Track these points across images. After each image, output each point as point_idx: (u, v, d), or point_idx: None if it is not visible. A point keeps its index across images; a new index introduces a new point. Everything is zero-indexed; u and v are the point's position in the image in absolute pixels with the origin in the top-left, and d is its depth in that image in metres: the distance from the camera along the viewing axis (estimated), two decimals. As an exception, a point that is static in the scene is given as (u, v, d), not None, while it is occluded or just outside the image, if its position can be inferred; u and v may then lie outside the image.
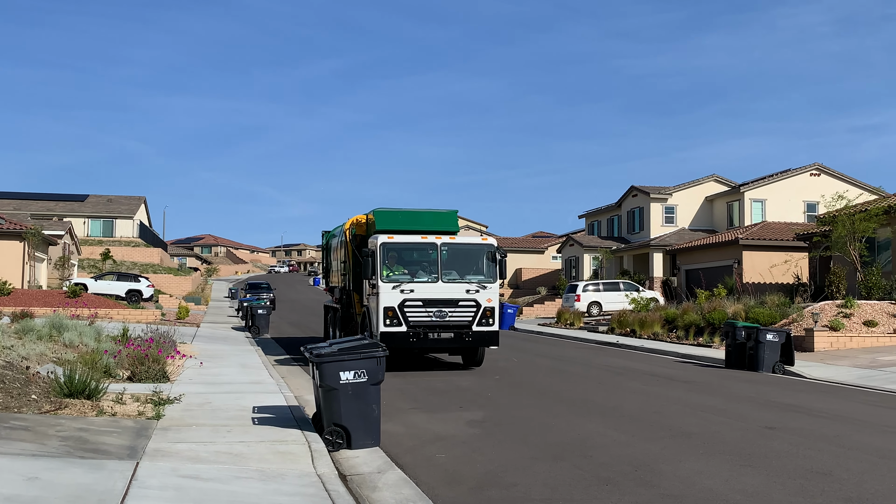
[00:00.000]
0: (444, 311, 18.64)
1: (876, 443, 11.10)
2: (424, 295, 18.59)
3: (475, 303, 18.87)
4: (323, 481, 8.10)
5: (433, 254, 19.15)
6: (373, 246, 18.95)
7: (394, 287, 18.51)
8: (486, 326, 18.97)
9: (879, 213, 29.60)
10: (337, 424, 10.11)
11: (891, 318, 26.11)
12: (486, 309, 18.95)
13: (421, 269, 19.25)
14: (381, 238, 18.90)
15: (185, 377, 15.73)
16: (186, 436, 9.99)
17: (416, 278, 18.87)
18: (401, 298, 18.50)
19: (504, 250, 19.63)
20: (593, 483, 8.67)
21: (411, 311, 18.52)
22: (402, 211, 20.50)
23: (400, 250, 19.28)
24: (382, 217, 20.24)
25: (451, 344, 18.91)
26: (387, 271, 18.72)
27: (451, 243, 19.30)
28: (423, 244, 19.28)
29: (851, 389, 17.23)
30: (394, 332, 18.39)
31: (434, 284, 18.80)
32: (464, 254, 19.42)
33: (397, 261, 19.10)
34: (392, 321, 18.42)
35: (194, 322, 36.29)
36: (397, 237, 19.11)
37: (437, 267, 18.96)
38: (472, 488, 8.48)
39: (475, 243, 19.93)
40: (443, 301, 18.66)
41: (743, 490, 8.41)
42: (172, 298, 53.20)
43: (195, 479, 7.84)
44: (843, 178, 50.48)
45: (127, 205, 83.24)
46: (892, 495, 8.23)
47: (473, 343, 19.00)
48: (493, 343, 19.22)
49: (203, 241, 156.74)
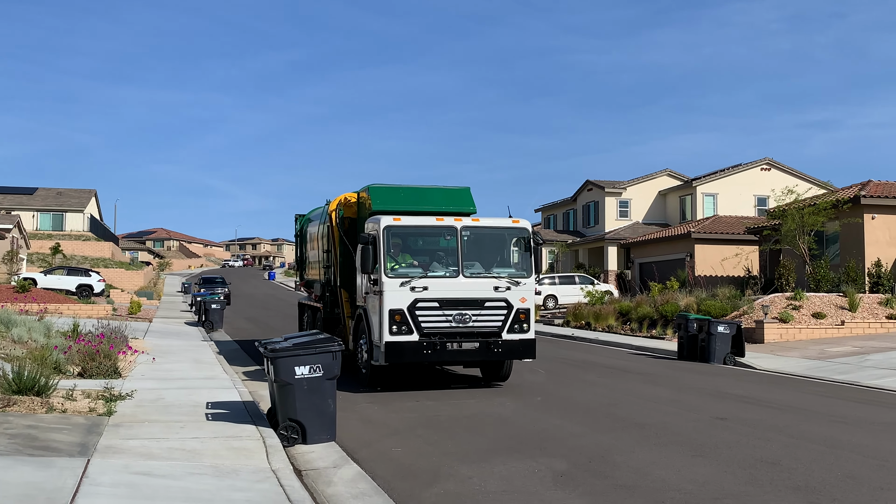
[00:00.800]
0: (467, 315, 14.63)
1: (824, 433, 11.33)
2: (441, 293, 14.58)
3: (505, 303, 14.86)
4: (278, 476, 8.06)
5: (451, 240, 15.01)
6: (373, 230, 14.94)
7: (402, 283, 14.43)
8: (519, 333, 14.90)
9: (828, 208, 30.16)
10: (292, 419, 10.06)
11: (839, 311, 26.65)
12: (519, 311, 14.93)
13: (435, 260, 15.18)
14: (385, 220, 14.76)
15: (138, 373, 15.54)
16: (139, 432, 9.87)
17: (429, 272, 14.79)
18: (411, 298, 14.42)
19: (541, 236, 16.38)
20: (548, 475, 8.74)
21: (425, 315, 14.48)
22: (404, 187, 16.83)
23: (408, 236, 15.32)
24: (380, 194, 16.36)
25: (475, 357, 14.85)
26: (392, 263, 14.71)
27: (475, 227, 15.17)
28: (440, 228, 15.06)
29: (800, 380, 17.57)
30: (402, 343, 14.35)
31: (453, 280, 14.72)
32: (490, 240, 15.55)
33: (405, 249, 15.20)
34: (400, 328, 14.37)
35: (147, 317, 35.83)
36: (405, 219, 14.92)
37: (457, 257, 14.83)
38: (428, 481, 8.50)
39: (505, 226, 15.52)
40: (465, 301, 14.67)
41: (694, 480, 8.54)
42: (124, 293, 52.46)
43: (148, 475, 7.76)
44: (793, 173, 51.36)
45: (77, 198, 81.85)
46: (840, 484, 8.42)
47: (503, 355, 14.97)
48: (529, 355, 15.12)
49: (155, 235, 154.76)
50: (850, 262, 29.37)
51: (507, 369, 16.14)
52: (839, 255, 31.38)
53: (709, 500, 7.77)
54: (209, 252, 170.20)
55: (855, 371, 18.24)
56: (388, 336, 14.37)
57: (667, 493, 8.00)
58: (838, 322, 25.83)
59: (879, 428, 11.76)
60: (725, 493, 8.04)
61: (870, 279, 29.02)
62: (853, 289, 27.60)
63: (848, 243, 30.87)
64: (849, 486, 8.33)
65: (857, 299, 26.75)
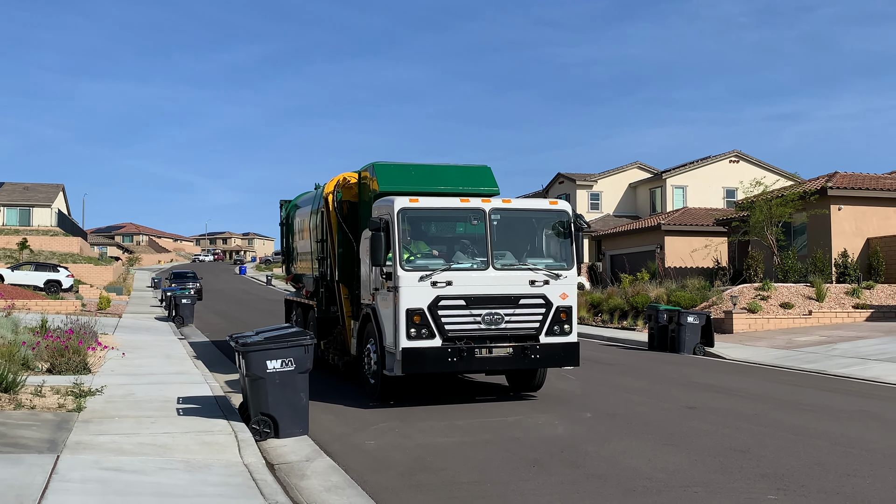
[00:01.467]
0: (499, 315, 12.38)
1: (792, 421, 11.48)
2: (469, 289, 12.30)
3: (544, 300, 12.59)
4: (250, 471, 8.04)
5: (478, 225, 12.79)
6: (384, 214, 12.67)
7: (421, 278, 12.12)
8: (560, 336, 12.67)
9: (795, 199, 30.49)
10: (264, 414, 10.03)
11: (806, 301, 26.96)
12: (559, 309, 12.66)
13: (459, 249, 13.03)
14: (400, 201, 12.50)
15: (108, 368, 15.41)
16: (109, 428, 9.80)
17: (452, 263, 12.59)
18: (432, 295, 12.14)
19: (585, 220, 13.59)
20: (521, 465, 8.78)
21: (449, 316, 12.21)
22: (414, 165, 14.77)
23: (427, 220, 13.27)
24: (387, 173, 14.22)
25: (507, 365, 12.62)
26: (408, 253, 12.46)
27: (507, 209, 12.95)
28: (465, 210, 12.83)
29: (769, 369, 17.78)
30: (423, 350, 12.04)
31: (482, 273, 12.47)
32: (524, 225, 13.42)
33: (419, 236, 12.98)
34: (419, 331, 12.07)
35: (116, 312, 35.51)
36: (424, 200, 12.76)
37: (486, 245, 12.58)
38: (402, 473, 8.51)
39: (542, 209, 13.38)
40: (497, 298, 12.41)
41: (665, 468, 8.63)
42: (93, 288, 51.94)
43: (118, 471, 7.71)
44: (761, 165, 51.88)
45: (44, 193, 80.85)
46: (807, 471, 8.54)
47: (540, 362, 12.65)
48: (571, 361, 12.88)
49: (124, 230, 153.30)
50: (817, 253, 29.72)
51: (540, 377, 13.83)
52: (806, 246, 31.74)
53: (679, 488, 7.86)
54: (179, 247, 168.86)
55: (822, 360, 18.48)
56: (405, 341, 12.01)
57: (638, 482, 8.07)
58: (806, 312, 26.13)
59: (846, 416, 11.93)
60: (695, 481, 8.13)
61: (836, 269, 29.39)
62: (820, 279, 27.94)
63: (815, 234, 31.24)
64: (816, 472, 8.46)
65: (824, 289, 27.08)
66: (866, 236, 30.50)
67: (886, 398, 13.61)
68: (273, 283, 78.90)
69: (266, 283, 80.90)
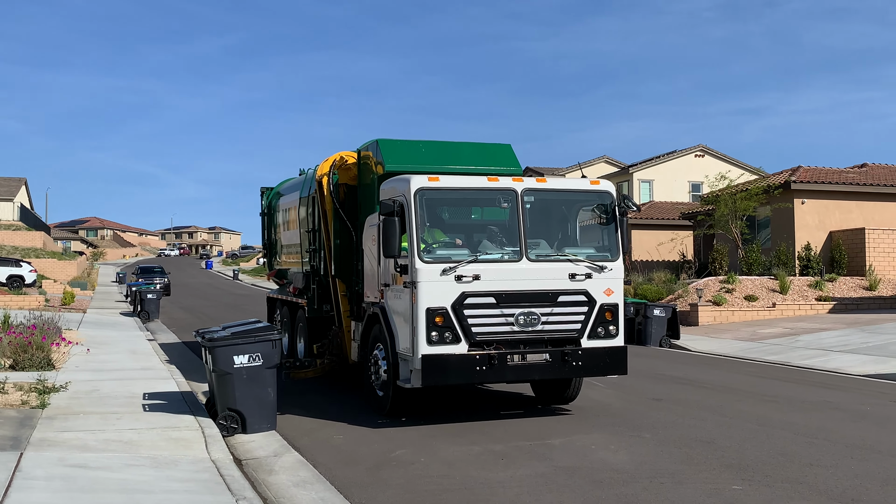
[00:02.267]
0: (534, 314, 10.52)
1: (756, 411, 11.63)
2: (499, 285, 10.45)
3: (586, 297, 10.76)
4: (217, 466, 8.00)
5: (508, 208, 10.89)
6: (397, 195, 10.78)
7: (444, 271, 10.26)
8: (604, 339, 10.86)
9: (759, 193, 30.83)
10: (231, 409, 9.98)
11: (770, 293, 27.30)
12: (604, 307, 10.85)
13: (487, 237, 11.17)
14: (417, 180, 10.56)
15: (72, 364, 15.24)
16: (74, 424, 9.70)
17: (478, 254, 10.68)
18: (458, 292, 10.27)
19: (632, 201, 11.76)
20: (490, 459, 8.82)
21: (477, 316, 10.35)
22: (424, 141, 13.01)
23: (449, 203, 11.51)
24: (395, 150, 12.45)
25: (545, 373, 10.75)
26: (424, 243, 10.49)
27: (542, 189, 11.09)
28: (493, 191, 10.88)
29: (733, 361, 17.99)
30: (446, 357, 10.16)
31: (514, 265, 10.60)
32: (561, 208, 11.59)
33: (436, 223, 11.17)
34: (442, 334, 10.19)
35: (80, 308, 35.09)
36: (446, 179, 10.80)
37: (518, 232, 10.70)
38: (370, 468, 8.51)
39: (582, 189, 11.43)
40: (532, 295, 10.55)
41: (632, 459, 8.71)
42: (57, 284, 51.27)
43: (83, 468, 7.63)
44: (726, 159, 52.39)
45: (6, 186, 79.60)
46: (771, 461, 8.66)
47: (582, 370, 10.82)
48: (618, 368, 11.07)
49: (89, 224, 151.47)
50: (780, 246, 30.09)
51: (575, 387, 11.97)
52: (770, 240, 32.12)
53: (646, 479, 7.93)
54: (144, 241, 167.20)
55: (786, 352, 18.73)
56: (424, 347, 10.12)
57: (605, 473, 8.14)
58: (770, 304, 26.46)
59: (809, 406, 12.11)
60: (662, 471, 8.21)
61: (800, 262, 29.78)
62: (784, 272, 28.30)
63: (779, 227, 31.61)
64: (780, 462, 8.58)
65: (787, 282, 27.44)
66: (829, 230, 30.93)
67: (848, 388, 13.83)
68: (240, 278, 78.41)
69: (233, 277, 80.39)
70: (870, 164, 34.61)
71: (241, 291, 57.74)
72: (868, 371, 15.52)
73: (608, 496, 7.39)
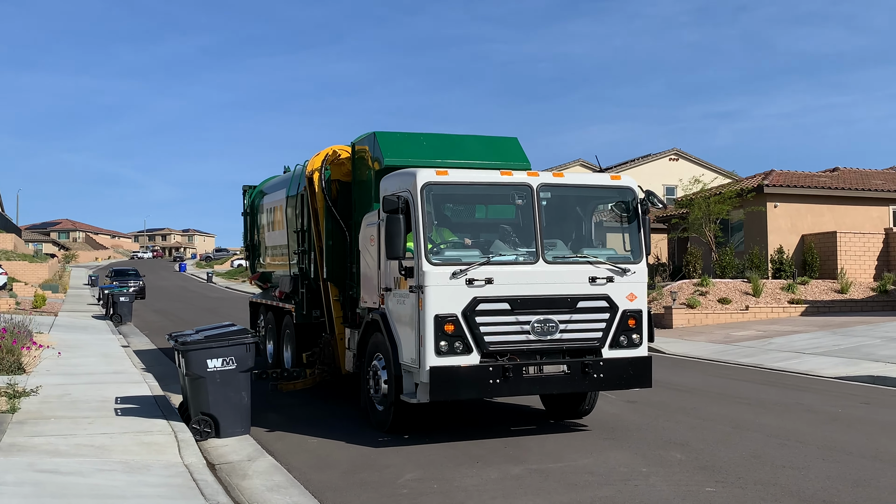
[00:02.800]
0: (552, 322, 9.71)
1: (730, 414, 11.70)
2: (514, 289, 9.62)
3: (608, 302, 9.96)
4: (190, 471, 7.93)
5: (523, 206, 10.12)
6: (401, 190, 9.83)
7: (454, 274, 9.42)
8: (627, 349, 10.06)
9: (732, 196, 31.09)
10: (205, 413, 9.91)
11: (743, 296, 27.51)
12: (626, 314, 10.04)
13: (499, 237, 10.32)
14: (425, 174, 9.68)
15: (43, 368, 15.08)
16: (45, 429, 9.59)
17: (491, 255, 9.79)
18: (469, 297, 9.44)
19: (657, 197, 10.90)
20: (465, 461, 8.81)
21: (490, 324, 9.51)
22: (425, 134, 12.19)
23: (459, 199, 10.68)
24: (394, 143, 11.63)
25: (563, 387, 9.90)
26: (431, 243, 9.62)
27: (559, 185, 10.28)
28: (506, 186, 10.05)
29: (707, 364, 18.11)
30: (457, 369, 9.31)
31: (530, 268, 9.77)
32: (579, 205, 10.78)
33: (443, 221, 10.30)
34: (452, 344, 9.34)
35: (52, 311, 34.73)
36: (455, 173, 9.91)
37: (533, 232, 9.88)
38: (345, 472, 8.48)
39: (602, 185, 10.69)
40: (550, 301, 9.74)
41: (606, 462, 8.74)
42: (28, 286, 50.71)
43: (54, 473, 7.55)
44: (700, 163, 52.72)
45: (-24, 188, 78.70)
46: (744, 463, 8.72)
47: (604, 382, 9.97)
48: (642, 381, 10.20)
49: (60, 227, 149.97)
50: (753, 250, 30.34)
51: (591, 401, 11.07)
52: (744, 243, 32.39)
53: (619, 481, 7.96)
54: (117, 243, 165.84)
55: (759, 354, 18.88)
56: (432, 357, 9.25)
57: (580, 476, 8.16)
58: (743, 307, 26.66)
59: (781, 408, 12.21)
60: (635, 474, 8.25)
61: (773, 265, 30.05)
62: (757, 275, 28.53)
63: (752, 231, 31.89)
64: (753, 464, 8.64)
65: (760, 285, 27.67)
66: (801, 233, 31.23)
67: (820, 391, 13.96)
68: (214, 281, 77.92)
69: (207, 280, 79.88)
70: (841, 169, 34.99)
71: (215, 294, 57.41)
72: (839, 373, 15.68)
73: (583, 498, 7.40)
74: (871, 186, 32.29)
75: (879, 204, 32.16)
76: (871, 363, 16.30)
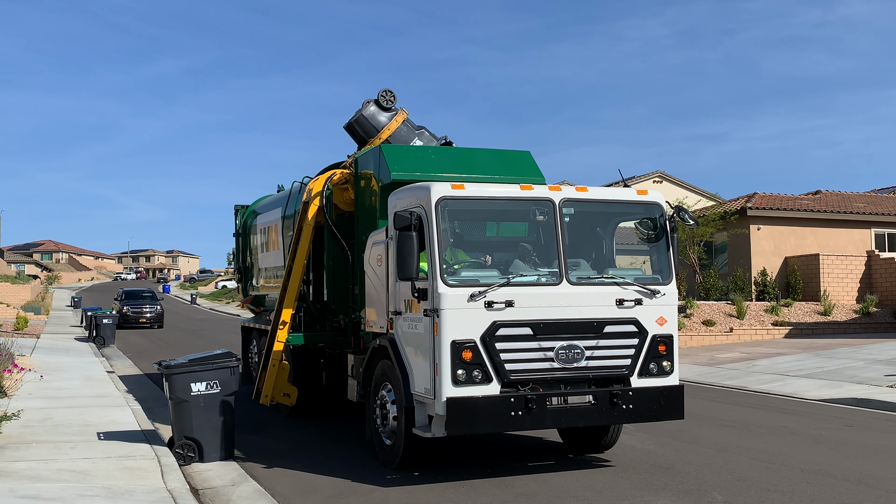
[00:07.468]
0: (577, 348, 9.02)
1: (714, 437, 11.72)
2: (536, 312, 8.93)
3: (636, 326, 9.29)
4: (174, 496, 7.87)
5: (544, 223, 9.43)
6: (415, 205, 9.12)
7: (472, 297, 8.70)
8: (658, 377, 9.39)
9: (716, 219, 31.28)
10: (188, 437, 9.84)
11: (727, 318, 27.62)
12: (656, 340, 9.38)
13: (518, 256, 9.63)
14: (439, 188, 8.99)
15: (25, 392, 14.94)
16: (26, 454, 9.50)
17: (510, 276, 9.10)
18: (488, 321, 8.72)
19: (689, 213, 10.24)
20: (449, 487, 8.77)
21: (511, 350, 8.80)
22: (432, 147, 11.91)
23: (474, 217, 10.19)
24: (401, 156, 11.08)
25: (590, 419, 9.16)
26: (446, 264, 8.90)
27: (583, 200, 9.58)
28: (527, 202, 9.36)
29: (692, 386, 18.10)
30: (476, 400, 8.58)
31: (553, 289, 9.09)
32: (603, 223, 10.24)
33: (464, 238, 9.93)
34: (470, 373, 8.62)
35: (34, 333, 34.46)
36: (471, 188, 9.22)
37: (556, 251, 9.18)
38: (329, 497, 8.43)
39: (628, 200, 9.95)
40: (575, 325, 9.06)
41: (591, 486, 8.72)
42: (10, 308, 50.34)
43: (35, 499, 7.47)
44: (684, 185, 53.04)
45: (-42, 209, 78.31)
46: (729, 486, 8.72)
47: (633, 414, 9.22)
48: (674, 412, 9.48)
49: (43, 248, 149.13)
50: (737, 272, 30.49)
51: (614, 433, 10.26)
52: (727, 265, 32.54)
53: (606, 506, 7.94)
54: (101, 265, 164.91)
55: (743, 376, 18.93)
56: (449, 388, 8.51)
57: (565, 500, 8.14)
58: (727, 329, 26.76)
59: (766, 431, 12.23)
60: (621, 497, 8.24)
61: (756, 287, 30.20)
62: (741, 297, 28.65)
63: (736, 253, 32.05)
64: (738, 488, 8.65)
65: (744, 307, 27.78)
66: (784, 255, 31.42)
67: (804, 413, 14.00)
68: (198, 302, 77.59)
69: (191, 301, 79.53)
70: (823, 191, 35.28)
71: (199, 316, 57.14)
72: (823, 395, 15.74)
73: (568, 523, 7.38)
74: (853, 209, 32.57)
75: (861, 227, 32.41)
76: (855, 385, 16.38)
